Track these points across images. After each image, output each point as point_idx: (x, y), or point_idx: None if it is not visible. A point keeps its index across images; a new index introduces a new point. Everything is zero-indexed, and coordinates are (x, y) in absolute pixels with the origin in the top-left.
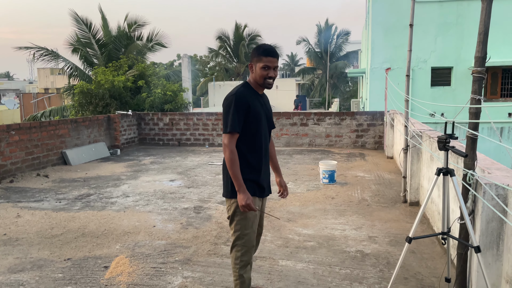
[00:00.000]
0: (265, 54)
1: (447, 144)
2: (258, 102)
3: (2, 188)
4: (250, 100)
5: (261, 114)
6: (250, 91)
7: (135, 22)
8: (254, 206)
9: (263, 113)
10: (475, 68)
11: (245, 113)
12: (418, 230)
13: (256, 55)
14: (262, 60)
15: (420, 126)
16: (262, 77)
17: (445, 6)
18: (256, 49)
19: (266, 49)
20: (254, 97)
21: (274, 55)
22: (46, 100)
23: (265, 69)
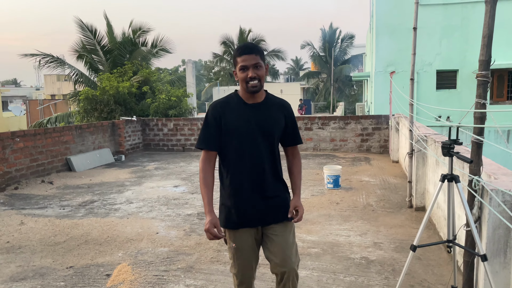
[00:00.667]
0: (239, 54)
1: (452, 150)
2: (241, 113)
3: (6, 195)
4: (227, 111)
5: (240, 128)
6: (234, 101)
7: (140, 28)
8: (218, 233)
9: (248, 127)
10: (480, 72)
11: (217, 127)
12: (424, 236)
13: (233, 58)
14: (237, 62)
15: (425, 130)
16: (243, 81)
17: (450, 8)
18: (233, 53)
19: (239, 48)
20: (236, 108)
21: (250, 51)
22: (52, 106)
23: (243, 70)
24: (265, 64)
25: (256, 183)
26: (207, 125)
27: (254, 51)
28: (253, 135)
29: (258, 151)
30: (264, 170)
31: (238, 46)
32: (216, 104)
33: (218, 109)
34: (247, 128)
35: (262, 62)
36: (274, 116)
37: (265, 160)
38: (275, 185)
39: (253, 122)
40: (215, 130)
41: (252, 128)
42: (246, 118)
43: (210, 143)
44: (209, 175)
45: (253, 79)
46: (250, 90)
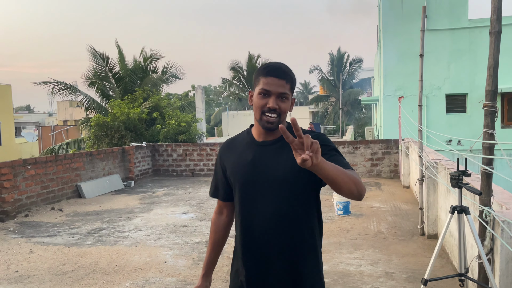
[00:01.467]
0: (265, 73)
1: (460, 181)
2: (244, 153)
3: (17, 223)
4: (230, 152)
5: (239, 174)
6: (242, 138)
7: (151, 55)
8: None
9: (250, 172)
10: (487, 102)
11: (222, 171)
12: (437, 265)
13: (255, 76)
14: (259, 82)
15: (435, 155)
16: (259, 110)
17: (457, 33)
18: (257, 69)
19: (268, 66)
20: (240, 147)
21: (280, 74)
22: (64, 132)
23: (263, 95)
24: (292, 98)
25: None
26: (215, 170)
27: (286, 76)
28: (258, 184)
29: (264, 207)
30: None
31: (268, 63)
32: (225, 146)
33: (222, 149)
34: (248, 174)
35: (290, 94)
36: (292, 157)
37: (277, 221)
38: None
39: (258, 166)
40: (221, 175)
41: (256, 174)
42: (250, 160)
43: (216, 191)
44: (217, 229)
45: (272, 112)
46: (265, 126)
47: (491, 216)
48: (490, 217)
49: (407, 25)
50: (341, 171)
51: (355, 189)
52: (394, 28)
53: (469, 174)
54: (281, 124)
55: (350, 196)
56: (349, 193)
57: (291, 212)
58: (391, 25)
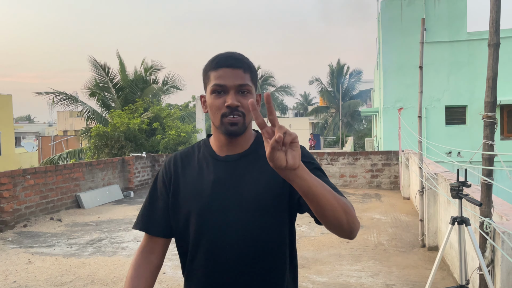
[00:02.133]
0: (214, 66)
1: (460, 192)
2: (204, 173)
3: (15, 233)
4: (183, 170)
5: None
6: (200, 155)
7: (151, 66)
8: None
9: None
10: (486, 113)
11: (166, 195)
12: (438, 277)
13: (204, 74)
14: (209, 79)
15: (435, 167)
16: (217, 112)
17: (456, 45)
18: (205, 65)
19: (217, 57)
20: (200, 167)
21: (234, 63)
22: (64, 142)
23: (218, 94)
24: (257, 92)
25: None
26: (151, 193)
27: (243, 64)
28: (224, 211)
29: (234, 241)
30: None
31: (218, 54)
32: (171, 158)
33: (170, 167)
34: (211, 199)
35: (251, 86)
36: (266, 174)
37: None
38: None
39: (223, 188)
40: (163, 201)
41: (220, 199)
42: (212, 181)
43: (151, 223)
44: (143, 273)
45: (234, 111)
46: (228, 130)
47: (491, 228)
48: (490, 228)
49: (406, 38)
50: (327, 190)
51: (345, 220)
52: (393, 40)
53: (469, 185)
54: (247, 126)
55: (338, 229)
56: (336, 223)
57: (265, 245)
58: (391, 37)
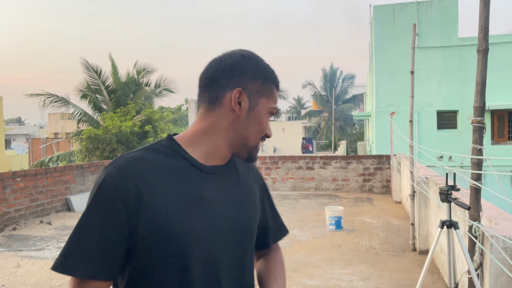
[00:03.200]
0: (277, 85)
1: (449, 196)
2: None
3: (4, 236)
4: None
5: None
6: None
7: (144, 69)
8: None
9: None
10: (475, 118)
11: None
12: (428, 281)
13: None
14: (272, 96)
15: (426, 171)
16: (260, 134)
17: (447, 51)
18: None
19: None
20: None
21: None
22: (55, 145)
23: (271, 116)
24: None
25: None
26: (100, 217)
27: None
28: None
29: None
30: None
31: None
32: (124, 167)
33: (131, 180)
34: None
35: None
36: (252, 191)
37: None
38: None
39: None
40: (118, 232)
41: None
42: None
43: (100, 263)
44: None
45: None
46: (252, 157)
47: (480, 231)
48: (479, 232)
49: (398, 43)
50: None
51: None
52: (386, 45)
53: (458, 189)
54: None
55: None
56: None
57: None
58: (383, 42)
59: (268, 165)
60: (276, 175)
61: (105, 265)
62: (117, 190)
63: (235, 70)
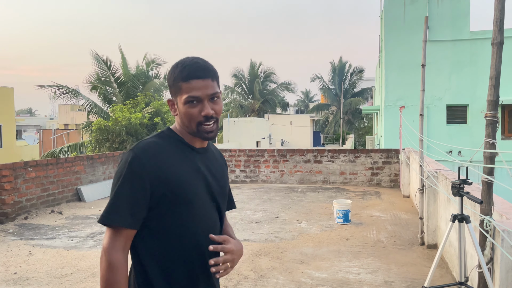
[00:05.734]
0: (184, 78)
1: (461, 190)
2: (191, 164)
3: (16, 225)
4: (168, 162)
5: (197, 189)
6: (173, 144)
7: (153, 61)
8: None
9: (205, 186)
10: (488, 112)
11: (147, 190)
12: (436, 275)
13: (173, 82)
14: (182, 90)
15: (435, 165)
16: (193, 121)
17: (458, 45)
18: (171, 71)
19: (185, 68)
20: (180, 156)
21: (203, 74)
22: (65, 136)
23: (192, 103)
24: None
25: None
26: (130, 185)
27: (210, 73)
28: (207, 198)
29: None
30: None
31: (182, 63)
32: (146, 149)
33: (150, 157)
34: (200, 190)
35: (219, 91)
36: (221, 166)
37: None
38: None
39: (204, 177)
40: (144, 195)
41: (203, 189)
42: (197, 170)
43: (132, 216)
44: (126, 272)
45: (210, 119)
46: (204, 137)
47: (491, 226)
48: (490, 226)
49: (409, 36)
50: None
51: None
52: (395, 38)
53: (470, 183)
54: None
55: None
56: None
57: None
58: (393, 36)
59: (276, 158)
60: (284, 168)
61: (133, 218)
62: (143, 167)
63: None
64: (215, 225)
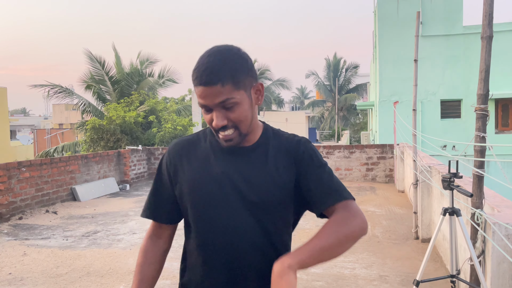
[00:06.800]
0: (194, 83)
1: (452, 184)
2: (208, 162)
3: (11, 225)
4: (187, 158)
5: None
6: (205, 143)
7: (147, 59)
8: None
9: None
10: (478, 106)
11: (171, 183)
12: (431, 269)
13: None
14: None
15: (429, 160)
16: (211, 127)
17: (452, 39)
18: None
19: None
20: (202, 154)
21: (209, 81)
22: (60, 135)
23: (206, 111)
24: (250, 89)
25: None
26: (156, 180)
27: (219, 78)
28: (227, 204)
29: (235, 235)
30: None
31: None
32: (174, 145)
33: (174, 154)
34: (214, 191)
35: (236, 95)
36: (271, 169)
37: (250, 253)
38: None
39: (227, 181)
40: (168, 188)
41: (224, 192)
42: (216, 172)
43: (156, 210)
44: (151, 259)
45: (224, 129)
46: (224, 145)
47: (482, 219)
48: (481, 219)
49: (402, 31)
50: (328, 245)
51: (353, 243)
52: (389, 33)
53: (460, 177)
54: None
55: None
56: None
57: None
58: (387, 31)
59: None
60: None
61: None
62: (166, 164)
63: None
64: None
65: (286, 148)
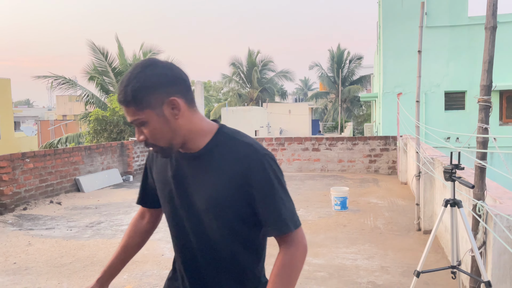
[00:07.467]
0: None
1: (453, 175)
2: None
3: (15, 216)
4: (154, 162)
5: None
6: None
7: (150, 50)
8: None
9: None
10: (481, 97)
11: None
12: (432, 260)
13: None
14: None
15: (432, 152)
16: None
17: (456, 30)
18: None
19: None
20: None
21: (121, 101)
22: (63, 127)
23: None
24: (161, 105)
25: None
26: (143, 173)
27: (124, 99)
28: (175, 206)
29: (183, 232)
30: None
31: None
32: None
33: (150, 154)
34: (167, 193)
35: (143, 116)
36: (210, 179)
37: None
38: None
39: (177, 184)
40: (150, 181)
41: (176, 194)
42: (170, 176)
43: (142, 197)
44: (134, 233)
45: (147, 145)
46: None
47: (484, 210)
48: (483, 211)
49: (407, 22)
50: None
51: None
52: (393, 25)
53: (462, 168)
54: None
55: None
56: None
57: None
58: (391, 22)
59: (274, 147)
60: (282, 156)
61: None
62: (147, 161)
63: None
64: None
65: (236, 159)
